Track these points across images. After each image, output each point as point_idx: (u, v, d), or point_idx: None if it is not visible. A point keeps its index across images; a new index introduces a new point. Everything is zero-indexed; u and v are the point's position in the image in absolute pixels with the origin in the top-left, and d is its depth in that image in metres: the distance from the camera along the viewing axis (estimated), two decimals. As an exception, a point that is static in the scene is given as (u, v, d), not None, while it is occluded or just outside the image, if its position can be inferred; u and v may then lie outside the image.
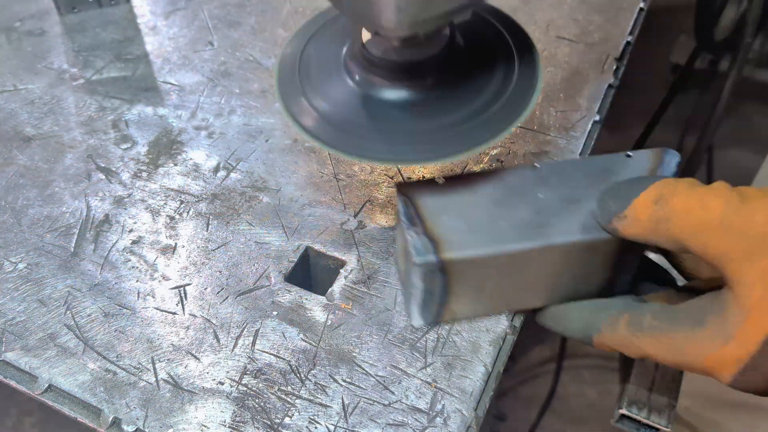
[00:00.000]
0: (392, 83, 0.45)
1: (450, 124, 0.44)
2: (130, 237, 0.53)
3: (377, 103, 0.46)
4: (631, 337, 0.41)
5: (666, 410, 0.52)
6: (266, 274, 0.50)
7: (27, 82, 0.67)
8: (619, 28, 0.71)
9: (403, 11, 0.37)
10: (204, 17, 0.74)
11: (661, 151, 0.46)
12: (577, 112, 0.62)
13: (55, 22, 0.73)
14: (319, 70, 0.48)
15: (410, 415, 0.43)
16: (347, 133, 0.44)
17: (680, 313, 0.39)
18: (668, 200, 0.37)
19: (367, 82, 0.46)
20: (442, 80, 0.45)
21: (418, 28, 0.39)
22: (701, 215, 0.35)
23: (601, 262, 0.44)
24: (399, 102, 0.45)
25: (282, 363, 0.45)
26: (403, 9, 0.37)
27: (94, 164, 0.59)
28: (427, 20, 0.39)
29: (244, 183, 0.57)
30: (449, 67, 0.46)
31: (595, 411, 1.35)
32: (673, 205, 0.37)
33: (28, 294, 0.49)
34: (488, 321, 0.47)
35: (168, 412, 0.43)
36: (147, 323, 0.47)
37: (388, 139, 0.44)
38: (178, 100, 0.65)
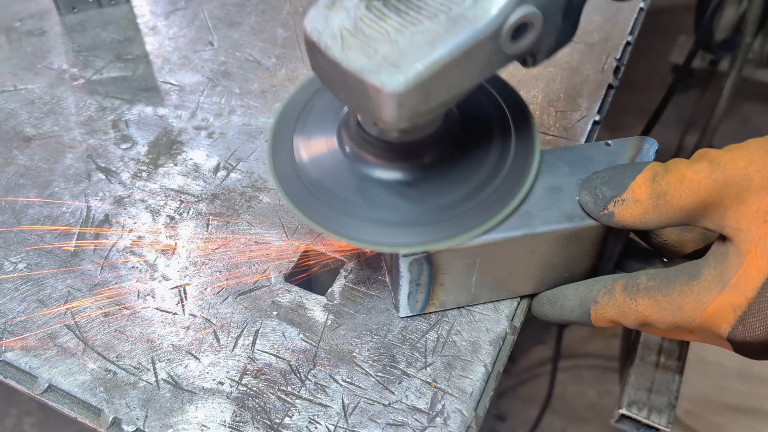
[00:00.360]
0: (385, 163, 0.43)
1: (442, 206, 0.42)
2: (130, 237, 0.53)
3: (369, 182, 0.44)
4: (628, 301, 0.41)
5: (666, 410, 0.52)
6: (266, 274, 0.50)
7: (27, 82, 0.67)
8: (619, 28, 0.71)
9: (404, 107, 0.35)
10: (204, 17, 0.74)
11: (639, 140, 0.47)
12: (577, 112, 0.62)
13: (55, 22, 0.73)
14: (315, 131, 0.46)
15: (410, 415, 0.43)
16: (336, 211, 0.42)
17: (675, 270, 0.40)
18: (663, 176, 0.38)
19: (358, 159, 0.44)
20: (437, 159, 0.44)
21: (417, 121, 0.37)
22: (693, 177, 0.37)
23: (585, 249, 0.44)
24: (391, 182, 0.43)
25: (282, 363, 0.45)
26: (403, 105, 0.35)
27: (94, 164, 0.59)
28: (427, 112, 0.37)
29: (244, 183, 0.57)
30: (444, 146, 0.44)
31: (595, 411, 1.35)
32: (669, 178, 0.38)
33: (28, 294, 0.49)
34: (488, 321, 0.47)
35: (168, 412, 0.43)
36: (147, 323, 0.47)
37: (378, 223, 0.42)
38: (178, 100, 0.65)
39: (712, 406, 1.25)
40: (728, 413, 1.25)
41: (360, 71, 0.35)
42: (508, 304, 0.48)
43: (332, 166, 0.44)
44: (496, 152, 0.45)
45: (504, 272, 0.45)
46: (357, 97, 0.37)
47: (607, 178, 0.41)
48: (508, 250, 0.43)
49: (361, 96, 0.36)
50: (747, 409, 1.25)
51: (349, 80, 0.36)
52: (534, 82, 0.65)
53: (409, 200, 0.43)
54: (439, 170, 0.44)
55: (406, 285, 0.44)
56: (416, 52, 0.35)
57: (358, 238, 0.42)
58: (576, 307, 0.44)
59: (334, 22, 0.36)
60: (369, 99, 0.36)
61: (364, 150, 0.43)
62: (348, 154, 0.44)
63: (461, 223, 0.42)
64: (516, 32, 0.36)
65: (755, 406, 1.25)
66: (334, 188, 0.43)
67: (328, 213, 0.42)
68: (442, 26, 0.35)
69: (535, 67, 0.40)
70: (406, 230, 0.42)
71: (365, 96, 0.36)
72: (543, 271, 0.46)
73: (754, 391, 1.26)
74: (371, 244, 0.42)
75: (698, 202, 0.37)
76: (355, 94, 0.37)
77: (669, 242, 0.46)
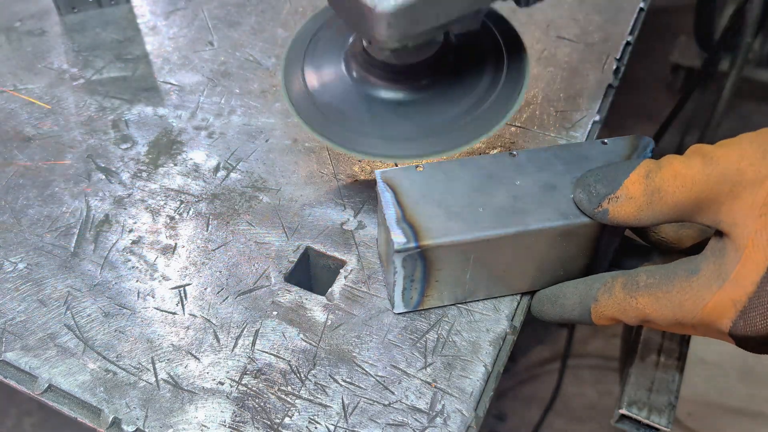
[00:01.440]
0: (389, 84, 0.48)
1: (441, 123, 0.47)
2: (130, 237, 0.53)
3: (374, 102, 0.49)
4: (628, 299, 0.41)
5: (666, 410, 0.52)
6: (266, 274, 0.50)
7: (27, 82, 0.67)
8: (619, 28, 0.71)
9: (393, 27, 0.39)
10: (204, 17, 0.74)
11: (636, 138, 0.47)
12: (577, 112, 0.62)
13: (55, 22, 0.73)
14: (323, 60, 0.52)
15: (410, 415, 0.43)
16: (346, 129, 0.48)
17: (674, 266, 0.40)
18: (657, 172, 0.38)
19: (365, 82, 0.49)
20: (434, 81, 0.48)
21: (407, 42, 0.41)
22: (686, 173, 0.37)
23: (580, 246, 0.45)
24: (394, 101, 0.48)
25: (282, 363, 0.45)
26: (392, 25, 0.39)
27: (94, 164, 0.59)
28: (416, 35, 0.41)
29: (244, 183, 0.57)
30: (441, 69, 0.48)
31: (595, 411, 1.35)
32: (662, 174, 0.38)
33: (28, 294, 0.49)
34: (488, 321, 0.47)
35: (168, 412, 0.43)
36: (147, 323, 0.47)
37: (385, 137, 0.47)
38: (178, 100, 0.65)
39: (713, 409, 1.25)
40: (729, 416, 1.25)
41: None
42: (508, 304, 0.48)
43: (341, 90, 0.50)
44: (489, 77, 0.49)
45: (499, 269, 0.45)
46: (354, 16, 0.41)
47: (601, 176, 0.41)
48: (501, 246, 0.43)
49: (357, 14, 0.41)
50: (748, 412, 1.25)
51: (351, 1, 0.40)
52: (534, 82, 0.65)
53: (409, 118, 0.48)
54: (436, 91, 0.49)
55: (401, 281, 0.44)
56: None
57: (364, 151, 0.47)
58: (576, 306, 0.44)
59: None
60: (364, 18, 0.40)
61: (370, 73, 0.49)
62: (355, 78, 0.50)
63: (456, 137, 0.47)
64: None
65: (757, 409, 1.25)
66: (343, 109, 0.49)
67: (338, 130, 0.48)
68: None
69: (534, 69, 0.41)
70: (407, 144, 0.47)
71: (361, 15, 0.40)
72: (538, 268, 0.46)
73: (755, 394, 1.26)
74: (377, 156, 0.47)
75: (692, 197, 0.37)
76: (353, 13, 0.41)
77: (666, 238, 0.46)
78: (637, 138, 0.46)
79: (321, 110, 0.50)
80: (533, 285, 0.48)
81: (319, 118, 0.49)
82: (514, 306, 0.48)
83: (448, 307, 0.48)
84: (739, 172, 0.35)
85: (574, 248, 0.45)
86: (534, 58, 0.67)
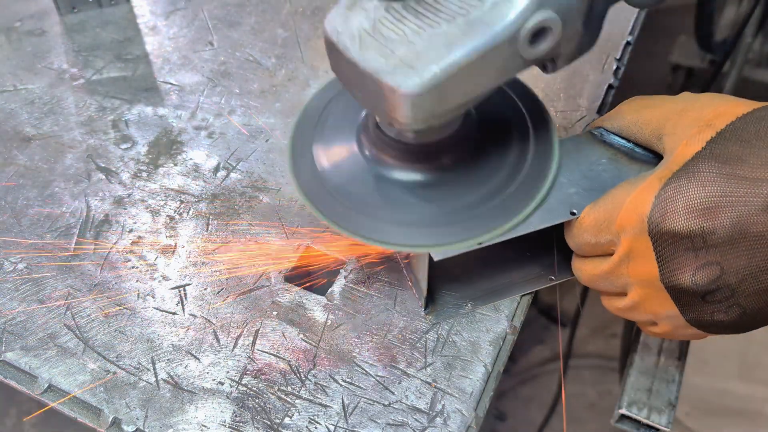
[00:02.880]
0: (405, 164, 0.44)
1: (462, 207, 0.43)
2: (130, 237, 0.53)
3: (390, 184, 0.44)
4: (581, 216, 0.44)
5: (666, 410, 0.52)
6: (266, 274, 0.50)
7: (27, 82, 0.67)
8: (619, 28, 0.71)
9: (418, 108, 0.36)
10: (204, 17, 0.74)
11: None
12: (577, 112, 0.62)
13: (55, 22, 0.73)
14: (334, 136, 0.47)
15: (410, 415, 0.43)
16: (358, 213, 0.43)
17: None
18: None
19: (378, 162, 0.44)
20: (456, 160, 0.44)
21: (432, 122, 0.37)
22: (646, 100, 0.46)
23: None
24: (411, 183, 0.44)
25: (282, 363, 0.45)
26: (417, 106, 0.36)
27: (94, 164, 0.59)
28: (443, 114, 0.38)
29: (244, 183, 0.57)
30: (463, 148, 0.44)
31: (595, 411, 1.35)
32: None
33: (28, 294, 0.49)
34: (488, 321, 0.47)
35: (168, 412, 0.43)
36: (147, 323, 0.47)
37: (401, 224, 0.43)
38: (178, 100, 0.65)
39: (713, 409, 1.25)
40: (729, 416, 1.25)
41: (376, 71, 0.35)
42: (508, 303, 0.48)
43: (353, 171, 0.45)
44: (515, 153, 0.45)
45: None
46: (373, 97, 0.37)
47: None
48: None
49: (377, 96, 0.37)
50: (748, 413, 1.25)
51: (366, 80, 0.36)
52: (534, 82, 0.65)
53: (429, 201, 0.43)
54: (458, 171, 0.44)
55: None
56: (433, 54, 0.35)
57: (383, 241, 0.42)
58: None
59: (354, 22, 0.37)
60: (384, 99, 0.36)
61: (384, 152, 0.44)
62: (368, 157, 0.45)
63: (480, 224, 0.42)
64: (534, 37, 0.36)
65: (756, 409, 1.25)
66: (357, 192, 0.44)
67: (353, 217, 0.43)
68: (460, 29, 0.35)
69: (534, 69, 0.40)
70: (428, 231, 0.42)
71: (381, 96, 0.36)
72: None
73: (755, 395, 1.26)
74: (397, 246, 0.42)
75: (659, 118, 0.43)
76: (371, 94, 0.37)
77: None
78: None
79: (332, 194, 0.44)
80: None
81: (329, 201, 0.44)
82: (514, 306, 0.48)
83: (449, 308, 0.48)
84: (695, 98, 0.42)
85: None
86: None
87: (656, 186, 0.38)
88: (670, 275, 0.39)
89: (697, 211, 0.36)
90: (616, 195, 0.41)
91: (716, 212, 0.36)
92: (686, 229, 0.37)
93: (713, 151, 0.37)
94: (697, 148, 0.38)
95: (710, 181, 0.36)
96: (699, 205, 0.36)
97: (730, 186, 0.36)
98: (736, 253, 0.36)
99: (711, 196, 0.36)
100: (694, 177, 0.37)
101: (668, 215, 0.37)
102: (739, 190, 0.36)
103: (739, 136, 0.37)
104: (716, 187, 0.36)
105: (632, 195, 0.39)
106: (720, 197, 0.36)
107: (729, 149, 0.37)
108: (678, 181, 0.37)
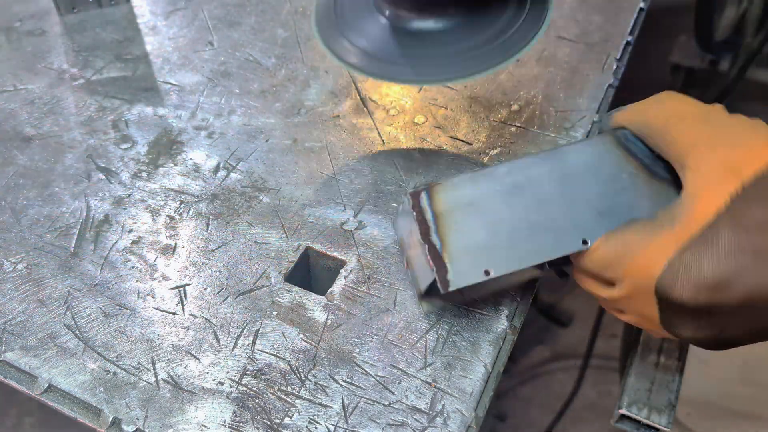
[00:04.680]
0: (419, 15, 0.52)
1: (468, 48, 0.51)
2: (130, 237, 0.53)
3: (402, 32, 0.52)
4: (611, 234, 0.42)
5: (666, 410, 0.52)
6: (266, 274, 0.50)
7: (27, 82, 0.67)
8: (619, 28, 0.71)
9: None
10: (204, 17, 0.74)
11: None
12: (577, 112, 0.62)
13: (55, 22, 0.73)
14: None
15: (410, 415, 0.43)
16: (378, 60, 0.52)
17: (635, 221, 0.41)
18: (651, 100, 0.43)
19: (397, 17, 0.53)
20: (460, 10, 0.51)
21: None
22: (678, 107, 0.41)
23: None
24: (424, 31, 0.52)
25: (282, 363, 0.45)
26: None
27: (94, 164, 0.59)
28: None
29: (244, 183, 0.57)
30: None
31: (595, 411, 1.35)
32: (649, 100, 0.43)
33: (28, 294, 0.49)
34: (488, 321, 0.47)
35: (168, 412, 0.43)
36: (147, 323, 0.47)
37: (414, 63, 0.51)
38: (178, 100, 0.65)
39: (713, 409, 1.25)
40: (729, 416, 1.25)
41: None
42: (508, 304, 0.48)
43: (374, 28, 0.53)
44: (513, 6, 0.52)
45: None
46: None
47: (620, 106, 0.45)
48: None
49: None
50: (748, 413, 1.25)
51: None
52: (534, 82, 0.65)
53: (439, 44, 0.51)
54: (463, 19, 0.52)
55: None
56: None
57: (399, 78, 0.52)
58: None
59: None
60: None
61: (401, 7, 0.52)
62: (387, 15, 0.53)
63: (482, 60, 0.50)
64: None
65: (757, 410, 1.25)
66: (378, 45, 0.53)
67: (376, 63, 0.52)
68: None
69: (534, 69, 0.41)
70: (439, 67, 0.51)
71: None
72: None
73: (755, 395, 1.26)
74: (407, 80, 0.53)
75: (672, 131, 0.40)
76: None
77: None
78: None
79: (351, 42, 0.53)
80: None
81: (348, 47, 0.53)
82: (514, 306, 0.48)
83: (449, 307, 0.48)
84: (730, 126, 0.39)
85: None
86: (534, 58, 0.67)
87: (670, 250, 0.36)
88: (669, 325, 0.38)
89: (708, 286, 0.35)
90: (629, 240, 0.39)
91: (728, 288, 0.35)
92: (694, 302, 0.36)
93: (735, 215, 0.35)
94: (719, 204, 0.35)
95: (727, 255, 0.35)
96: (711, 281, 0.35)
97: (747, 260, 0.34)
98: (740, 317, 0.36)
99: (725, 273, 0.35)
100: (710, 249, 0.35)
101: (678, 286, 0.36)
102: (755, 266, 0.34)
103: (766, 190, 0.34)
104: (732, 263, 0.34)
105: (644, 251, 0.38)
106: (734, 273, 0.34)
107: (752, 212, 0.34)
108: (693, 253, 0.35)
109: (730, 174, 0.35)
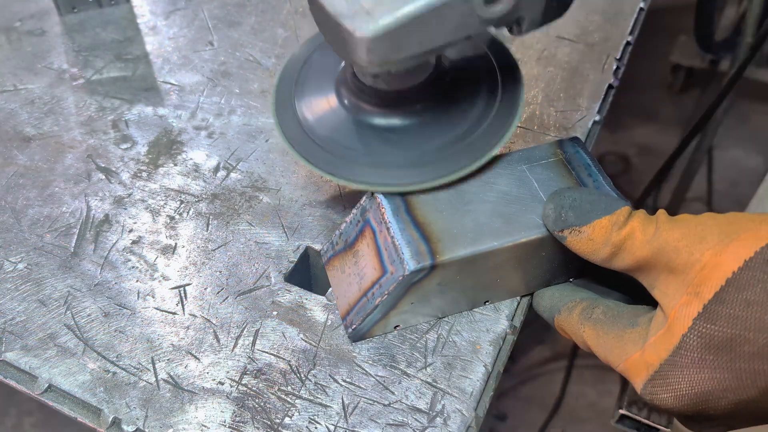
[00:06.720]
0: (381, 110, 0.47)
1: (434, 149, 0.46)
2: (130, 237, 0.53)
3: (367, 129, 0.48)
4: (578, 325, 0.43)
5: (666, 410, 0.52)
6: (266, 274, 0.50)
7: (27, 82, 0.67)
8: (619, 28, 0.71)
9: (373, 52, 0.39)
10: (204, 17, 0.74)
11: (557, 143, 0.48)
12: (577, 112, 0.62)
13: (55, 22, 0.73)
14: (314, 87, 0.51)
15: (410, 415, 0.43)
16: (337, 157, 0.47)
17: (625, 312, 0.41)
18: (620, 228, 0.39)
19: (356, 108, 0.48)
20: (428, 106, 0.47)
21: (389, 67, 0.41)
22: (639, 238, 0.38)
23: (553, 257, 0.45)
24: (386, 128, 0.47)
25: (282, 363, 0.45)
26: (372, 50, 0.39)
27: (94, 164, 0.59)
28: (399, 61, 0.40)
29: (244, 183, 0.57)
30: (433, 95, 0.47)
31: (595, 411, 1.35)
32: (621, 233, 0.39)
33: (28, 294, 0.49)
34: (488, 321, 0.47)
35: (168, 412, 0.43)
36: (147, 323, 0.47)
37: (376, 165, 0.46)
38: (178, 100, 0.65)
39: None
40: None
41: (339, 15, 0.39)
42: (508, 303, 0.48)
43: (333, 120, 0.48)
44: (483, 101, 0.48)
45: (488, 281, 0.46)
46: (336, 39, 0.41)
47: (577, 204, 0.41)
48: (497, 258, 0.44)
49: (339, 38, 0.40)
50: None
51: (331, 22, 0.40)
52: (534, 82, 0.65)
53: (403, 146, 0.46)
54: (430, 117, 0.47)
55: None
56: (390, 3, 0.38)
57: (359, 181, 0.45)
58: (546, 310, 0.46)
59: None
60: (345, 42, 0.40)
61: (362, 100, 0.47)
62: (347, 106, 0.48)
63: (450, 164, 0.45)
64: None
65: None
66: (336, 138, 0.48)
67: (330, 159, 0.46)
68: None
69: (534, 69, 0.40)
70: (402, 171, 0.45)
71: (342, 38, 0.40)
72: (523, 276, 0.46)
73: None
74: (370, 185, 0.45)
75: (635, 261, 0.38)
76: (335, 36, 0.41)
77: None
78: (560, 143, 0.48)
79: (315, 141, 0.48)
80: (527, 290, 0.48)
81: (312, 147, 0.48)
82: (514, 306, 0.48)
83: (448, 307, 0.48)
84: (676, 250, 0.36)
85: (551, 258, 0.45)
86: (534, 58, 0.67)
87: (643, 374, 0.37)
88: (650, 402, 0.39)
89: (689, 401, 0.36)
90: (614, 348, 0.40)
91: (711, 401, 0.35)
92: (678, 412, 0.37)
93: (701, 334, 0.35)
94: (683, 330, 0.35)
95: (700, 373, 0.35)
96: (691, 398, 0.36)
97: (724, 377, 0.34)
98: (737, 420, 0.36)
99: (703, 390, 0.35)
100: (681, 372, 0.36)
101: (658, 400, 0.37)
102: (734, 382, 0.34)
103: (729, 306, 0.34)
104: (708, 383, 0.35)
105: (624, 363, 0.39)
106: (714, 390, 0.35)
107: (719, 329, 0.34)
108: (664, 377, 0.36)
109: (692, 297, 0.35)
